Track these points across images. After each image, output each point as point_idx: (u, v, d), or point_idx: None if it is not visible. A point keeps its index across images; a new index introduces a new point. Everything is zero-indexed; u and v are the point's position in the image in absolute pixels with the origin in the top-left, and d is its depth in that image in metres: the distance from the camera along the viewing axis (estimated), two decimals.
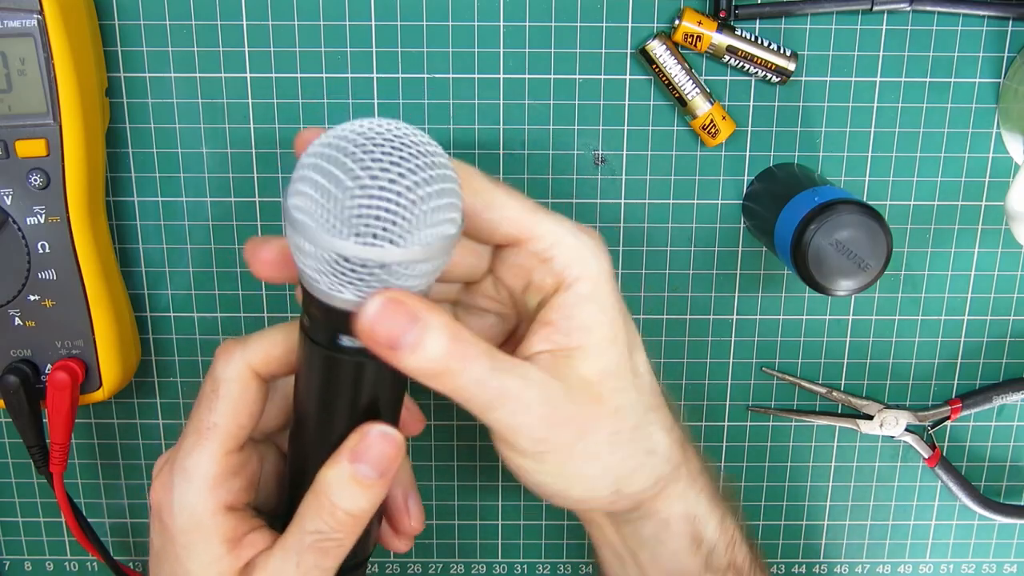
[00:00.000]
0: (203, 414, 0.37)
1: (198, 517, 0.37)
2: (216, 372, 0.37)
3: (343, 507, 0.35)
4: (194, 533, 0.37)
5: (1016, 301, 0.50)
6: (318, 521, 0.35)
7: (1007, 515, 0.53)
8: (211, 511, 0.37)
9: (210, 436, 0.37)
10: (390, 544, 0.43)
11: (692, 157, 0.48)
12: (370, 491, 0.35)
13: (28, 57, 0.41)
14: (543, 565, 0.55)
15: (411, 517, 0.42)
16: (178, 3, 0.45)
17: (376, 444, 0.35)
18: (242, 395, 0.37)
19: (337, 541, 0.36)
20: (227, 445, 0.37)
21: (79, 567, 0.55)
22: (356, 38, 0.46)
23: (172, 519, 0.37)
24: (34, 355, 0.45)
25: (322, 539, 0.36)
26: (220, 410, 0.37)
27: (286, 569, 0.36)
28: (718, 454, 0.53)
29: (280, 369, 0.37)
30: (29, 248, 0.43)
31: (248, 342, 0.37)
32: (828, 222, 0.40)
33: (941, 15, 0.46)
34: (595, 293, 0.36)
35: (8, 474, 0.53)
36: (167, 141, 0.47)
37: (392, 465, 0.36)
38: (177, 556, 0.37)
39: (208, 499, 0.37)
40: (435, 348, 0.32)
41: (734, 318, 0.51)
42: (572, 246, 0.36)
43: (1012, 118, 0.46)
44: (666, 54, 0.45)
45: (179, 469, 0.37)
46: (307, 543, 0.36)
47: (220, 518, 0.37)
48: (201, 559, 0.37)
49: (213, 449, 0.37)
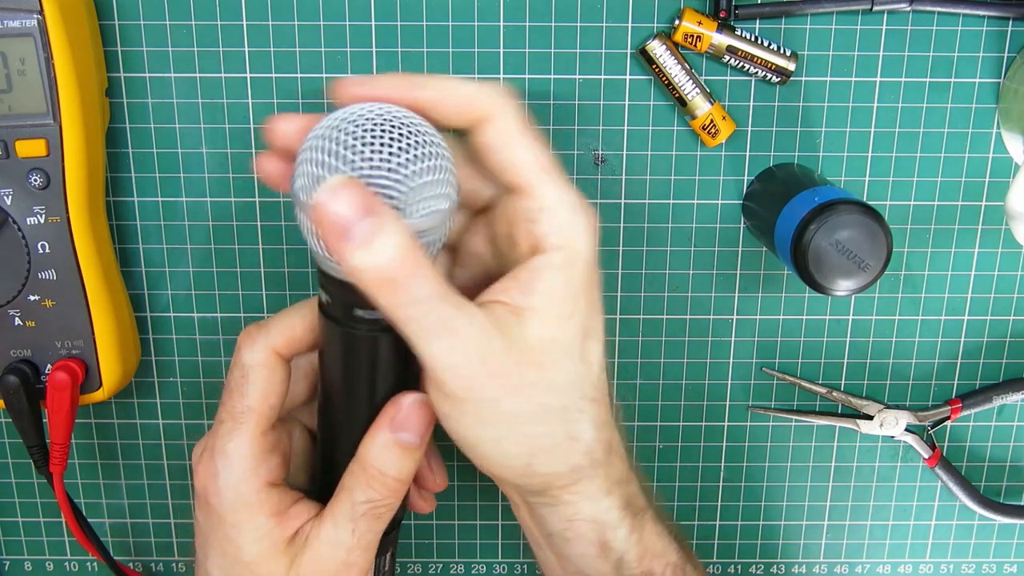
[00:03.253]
0: (236, 400, 0.39)
1: (244, 496, 0.39)
2: (243, 359, 0.39)
3: (391, 474, 0.38)
4: (242, 511, 0.39)
5: (1016, 301, 0.50)
6: (369, 491, 0.38)
7: (1007, 515, 0.53)
8: (255, 489, 0.39)
9: (246, 420, 0.39)
10: (416, 505, 0.45)
11: (692, 157, 0.48)
12: (413, 455, 0.38)
13: (28, 57, 0.41)
14: None
15: (435, 474, 0.45)
16: (178, 3, 0.45)
17: (413, 411, 0.38)
18: (270, 378, 0.39)
19: (389, 506, 0.39)
20: (262, 426, 0.39)
21: (79, 567, 0.55)
22: (356, 38, 0.46)
23: (219, 500, 0.39)
24: (34, 355, 0.45)
25: (375, 506, 0.38)
26: (251, 394, 0.39)
27: (342, 536, 0.38)
28: (718, 454, 0.53)
29: (302, 348, 0.40)
30: (29, 248, 0.43)
31: (269, 327, 0.39)
32: (828, 222, 0.40)
33: (941, 15, 0.46)
34: (567, 267, 0.36)
35: (8, 474, 0.53)
36: (167, 141, 0.47)
37: (428, 429, 0.38)
38: (227, 534, 0.39)
39: (251, 478, 0.39)
40: (386, 250, 0.32)
41: (734, 318, 0.51)
42: (562, 217, 0.36)
43: (1012, 118, 0.46)
44: (666, 54, 0.45)
45: (220, 453, 0.39)
46: (360, 512, 0.38)
47: (264, 494, 0.39)
48: (252, 534, 0.39)
49: (251, 431, 0.39)
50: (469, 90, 0.36)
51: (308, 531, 0.39)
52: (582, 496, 0.39)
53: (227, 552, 0.39)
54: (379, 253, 0.32)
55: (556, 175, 0.36)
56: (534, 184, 0.36)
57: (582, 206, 0.37)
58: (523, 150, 0.36)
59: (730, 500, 0.54)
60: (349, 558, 0.39)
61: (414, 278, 0.33)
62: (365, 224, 0.32)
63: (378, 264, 0.32)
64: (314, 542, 0.39)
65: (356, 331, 0.36)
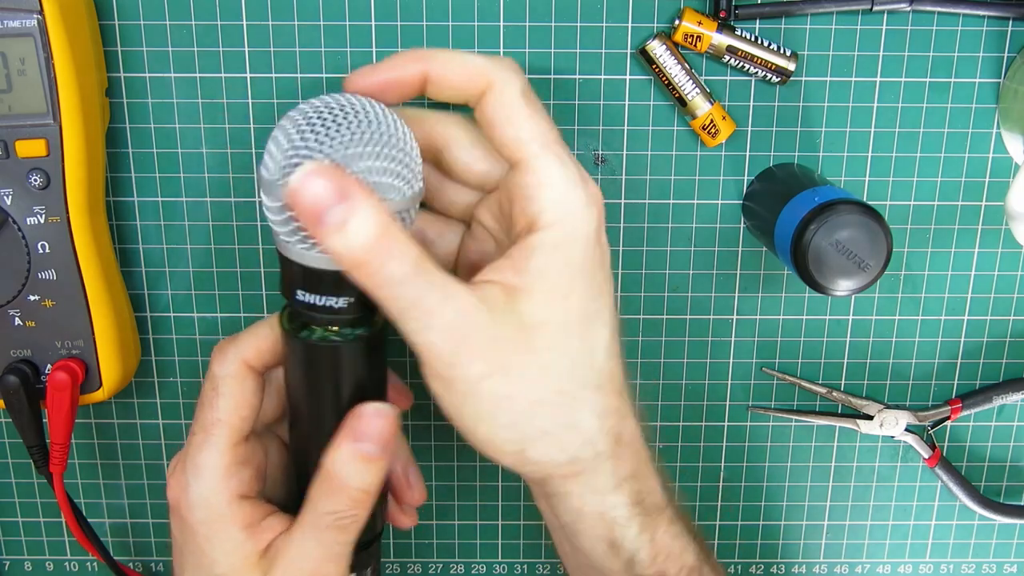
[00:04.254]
0: (207, 412, 0.39)
1: (215, 508, 0.39)
2: (214, 371, 0.39)
3: (353, 485, 0.37)
4: (214, 524, 0.39)
5: (1016, 301, 0.50)
6: (332, 502, 0.37)
7: (1007, 515, 0.53)
8: (226, 501, 0.39)
9: (216, 432, 0.39)
10: (397, 521, 0.45)
11: (692, 157, 0.48)
12: (375, 466, 0.37)
13: (28, 57, 0.41)
14: (543, 565, 0.55)
15: (413, 488, 0.44)
16: (178, 3, 0.45)
17: (373, 421, 0.37)
18: (240, 390, 0.39)
19: (353, 517, 0.38)
20: (233, 438, 0.39)
21: (79, 567, 0.55)
22: (356, 38, 0.46)
23: (191, 513, 0.39)
24: (34, 355, 0.45)
25: (339, 518, 0.38)
26: (222, 407, 0.39)
27: (308, 548, 0.38)
28: (718, 454, 0.53)
29: (272, 360, 0.40)
30: (29, 248, 0.43)
31: (239, 338, 0.39)
32: (828, 222, 0.40)
33: (941, 15, 0.46)
34: (563, 245, 0.35)
35: (8, 474, 0.53)
36: (167, 141, 0.47)
37: (391, 439, 0.37)
38: (199, 547, 0.39)
39: (222, 490, 0.39)
40: (360, 234, 0.32)
41: (734, 318, 0.51)
42: (558, 192, 0.35)
43: (1012, 118, 0.46)
44: (666, 54, 0.45)
45: (191, 466, 0.39)
46: (325, 523, 0.38)
47: (235, 507, 0.39)
48: (224, 546, 0.39)
49: (220, 443, 0.39)
50: (472, 61, 0.36)
51: (279, 544, 0.39)
52: (587, 489, 0.38)
53: (201, 564, 0.39)
54: (354, 236, 0.32)
55: (557, 149, 0.36)
56: (531, 158, 0.35)
57: (583, 180, 0.36)
58: (522, 123, 0.35)
59: (730, 500, 0.54)
60: (319, 570, 0.38)
61: (389, 259, 0.33)
62: (339, 209, 0.32)
63: (354, 247, 0.32)
64: (283, 555, 0.38)
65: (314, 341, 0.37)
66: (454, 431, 0.52)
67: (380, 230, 0.32)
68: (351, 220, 0.32)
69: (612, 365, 0.38)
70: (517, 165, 0.36)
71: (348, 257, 0.33)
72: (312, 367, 0.38)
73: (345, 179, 0.32)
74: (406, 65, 0.36)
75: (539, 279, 0.35)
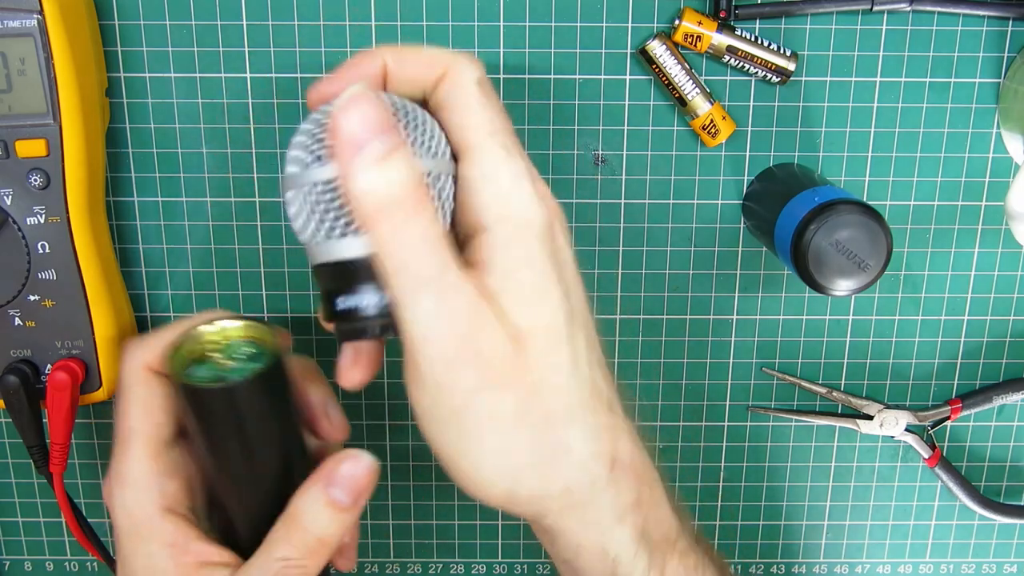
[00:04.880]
0: (121, 421, 0.37)
1: (137, 519, 0.37)
2: (120, 378, 0.37)
3: (315, 532, 0.35)
4: (135, 536, 0.37)
5: (1016, 301, 0.50)
6: (287, 547, 0.35)
7: (1007, 515, 0.53)
8: (149, 515, 0.36)
9: (131, 441, 0.37)
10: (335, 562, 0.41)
11: (692, 157, 0.48)
12: (343, 516, 0.36)
13: (28, 57, 0.41)
14: (543, 565, 0.55)
15: (331, 421, 0.40)
16: (178, 3, 0.45)
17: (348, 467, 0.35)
18: (148, 396, 0.37)
19: (303, 569, 0.36)
20: (150, 447, 0.37)
21: (79, 567, 0.55)
22: (356, 38, 0.46)
23: (117, 524, 0.37)
24: (34, 355, 0.45)
25: (289, 566, 0.35)
26: (132, 414, 0.37)
27: None
28: (718, 454, 0.53)
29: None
30: (29, 248, 0.43)
31: (144, 342, 0.37)
32: (828, 222, 0.40)
33: (941, 15, 0.46)
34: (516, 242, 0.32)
35: (8, 474, 0.53)
36: (167, 141, 0.47)
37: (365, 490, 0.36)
38: (124, 557, 0.37)
39: (144, 503, 0.36)
40: (398, 172, 0.30)
41: (734, 318, 0.51)
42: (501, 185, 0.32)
43: (1012, 118, 0.46)
44: (666, 54, 0.45)
45: (114, 475, 0.37)
46: (273, 569, 0.35)
47: (158, 521, 0.36)
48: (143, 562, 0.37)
49: (137, 453, 0.37)
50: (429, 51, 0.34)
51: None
52: (585, 523, 0.34)
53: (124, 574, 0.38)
54: (390, 173, 0.30)
55: (505, 140, 0.33)
56: (475, 147, 0.32)
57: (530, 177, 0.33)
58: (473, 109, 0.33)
59: (730, 500, 0.54)
60: None
61: (419, 214, 0.30)
62: (382, 142, 0.30)
63: (387, 184, 0.30)
64: None
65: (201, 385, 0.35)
66: None
67: (417, 178, 0.30)
68: (394, 155, 0.30)
69: (595, 375, 0.34)
70: (464, 155, 0.33)
71: (379, 196, 0.30)
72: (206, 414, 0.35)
73: (390, 114, 0.30)
74: (363, 64, 0.34)
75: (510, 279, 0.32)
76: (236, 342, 0.37)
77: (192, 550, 0.37)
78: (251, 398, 0.35)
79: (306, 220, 0.33)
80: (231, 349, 0.37)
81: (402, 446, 0.53)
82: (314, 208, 0.32)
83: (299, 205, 0.33)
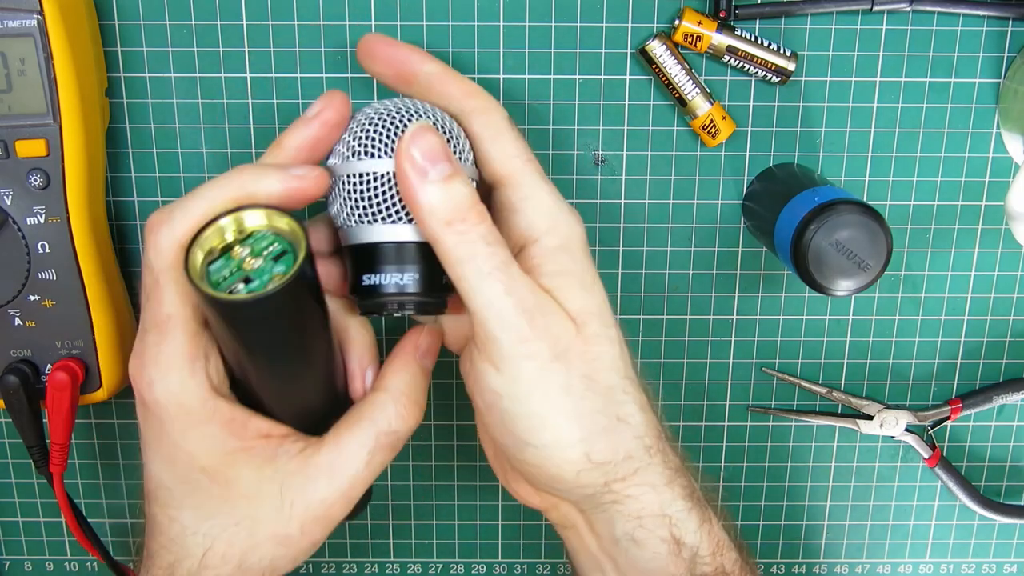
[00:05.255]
0: (155, 308, 0.36)
1: (186, 404, 0.36)
2: (151, 261, 0.36)
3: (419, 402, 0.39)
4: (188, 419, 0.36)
5: (1016, 301, 0.50)
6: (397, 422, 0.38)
7: (1007, 515, 0.53)
8: (199, 397, 0.36)
9: (170, 326, 0.36)
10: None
11: (692, 157, 0.48)
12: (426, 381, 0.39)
13: (28, 57, 0.41)
14: (543, 565, 0.55)
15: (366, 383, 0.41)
16: (178, 3, 0.45)
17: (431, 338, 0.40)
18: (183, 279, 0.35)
19: (403, 441, 0.39)
20: (189, 330, 0.36)
21: (79, 567, 0.55)
22: (356, 38, 0.46)
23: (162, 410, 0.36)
24: (34, 355, 0.45)
25: (397, 438, 0.38)
26: (168, 300, 0.36)
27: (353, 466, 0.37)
28: (718, 454, 0.53)
29: None
30: (29, 248, 0.43)
31: (173, 217, 0.35)
32: (828, 222, 0.40)
33: (941, 15, 0.46)
34: (564, 248, 0.37)
35: (8, 474, 0.53)
36: (167, 141, 0.47)
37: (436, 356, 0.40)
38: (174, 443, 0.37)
39: (192, 386, 0.36)
40: (463, 187, 0.35)
41: (734, 318, 0.51)
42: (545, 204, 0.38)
43: (1012, 118, 0.46)
44: (666, 54, 0.45)
45: (152, 364, 0.36)
46: (383, 442, 0.38)
47: (211, 404, 0.36)
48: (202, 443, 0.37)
49: (179, 337, 0.36)
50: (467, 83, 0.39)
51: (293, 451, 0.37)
52: (646, 487, 0.38)
53: (176, 458, 0.37)
54: (456, 189, 0.35)
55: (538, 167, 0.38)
56: (517, 173, 0.38)
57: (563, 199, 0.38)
58: (509, 145, 0.38)
59: (730, 500, 0.54)
60: (351, 491, 0.37)
61: (481, 222, 0.35)
62: (446, 166, 0.35)
63: (451, 200, 0.35)
64: (308, 468, 0.37)
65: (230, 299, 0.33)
66: (454, 430, 0.53)
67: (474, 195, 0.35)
68: (457, 176, 0.35)
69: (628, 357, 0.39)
70: (504, 181, 0.38)
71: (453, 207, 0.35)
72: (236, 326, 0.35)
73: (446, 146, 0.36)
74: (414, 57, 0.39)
75: (560, 278, 0.37)
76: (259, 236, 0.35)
77: (252, 426, 0.37)
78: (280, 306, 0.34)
79: (340, 207, 0.37)
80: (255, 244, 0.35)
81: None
82: (349, 196, 0.37)
83: (335, 193, 0.37)
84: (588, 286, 0.37)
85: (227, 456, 0.37)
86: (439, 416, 0.52)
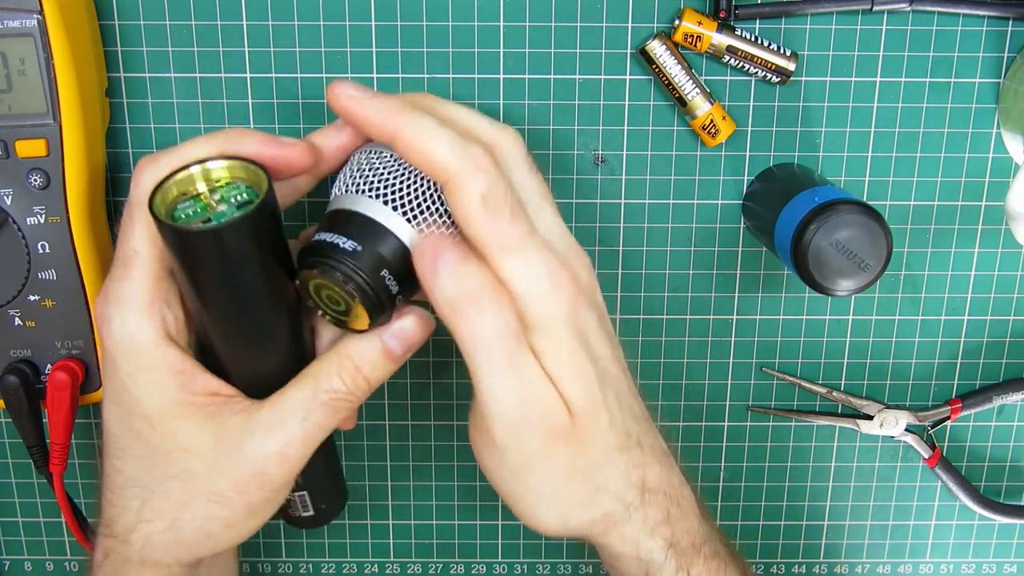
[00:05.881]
0: (124, 243, 0.36)
1: (138, 344, 0.36)
2: (130, 198, 0.36)
3: (364, 373, 0.37)
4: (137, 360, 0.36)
5: (1016, 301, 0.50)
6: (338, 381, 0.37)
7: (1007, 515, 0.53)
8: (151, 340, 0.36)
9: (134, 263, 0.36)
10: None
11: (692, 157, 0.48)
12: (390, 365, 0.38)
13: (28, 57, 0.41)
14: (543, 565, 0.55)
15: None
16: (178, 3, 0.45)
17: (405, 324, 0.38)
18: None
19: (348, 404, 0.38)
20: (153, 271, 0.36)
21: (79, 567, 0.55)
22: (356, 38, 0.46)
23: (115, 347, 0.36)
24: (34, 355, 0.45)
25: (337, 399, 0.37)
26: (137, 235, 0.36)
27: (288, 424, 0.37)
28: (718, 454, 0.53)
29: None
30: (29, 248, 0.43)
31: (158, 160, 0.36)
32: (828, 222, 0.40)
33: (941, 15, 0.46)
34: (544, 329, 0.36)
35: (8, 474, 0.53)
36: (167, 141, 0.47)
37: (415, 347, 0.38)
38: (123, 383, 0.37)
39: (146, 327, 0.36)
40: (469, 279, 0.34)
41: (734, 318, 0.51)
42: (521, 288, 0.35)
43: (1012, 118, 0.46)
44: (666, 54, 0.45)
45: (112, 298, 0.36)
46: (321, 400, 0.37)
47: (163, 349, 0.36)
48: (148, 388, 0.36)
49: (141, 275, 0.36)
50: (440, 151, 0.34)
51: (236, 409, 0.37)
52: (623, 539, 0.39)
53: (122, 401, 0.37)
54: (468, 279, 0.34)
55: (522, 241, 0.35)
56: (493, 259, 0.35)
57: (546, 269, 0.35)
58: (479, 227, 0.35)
59: (730, 500, 0.54)
60: (285, 449, 0.37)
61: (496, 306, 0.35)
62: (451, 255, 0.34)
63: (463, 288, 0.34)
64: (248, 423, 0.37)
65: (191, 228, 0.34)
66: (454, 430, 0.53)
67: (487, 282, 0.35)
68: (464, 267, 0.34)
69: (627, 420, 0.39)
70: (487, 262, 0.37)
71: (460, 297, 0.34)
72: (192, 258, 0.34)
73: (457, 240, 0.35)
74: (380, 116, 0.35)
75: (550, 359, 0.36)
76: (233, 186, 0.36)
77: (200, 381, 0.37)
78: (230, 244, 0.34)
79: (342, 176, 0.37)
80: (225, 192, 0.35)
81: (402, 446, 0.53)
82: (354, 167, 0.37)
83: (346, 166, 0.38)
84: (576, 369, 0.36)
85: (172, 407, 0.36)
86: (439, 416, 0.52)
